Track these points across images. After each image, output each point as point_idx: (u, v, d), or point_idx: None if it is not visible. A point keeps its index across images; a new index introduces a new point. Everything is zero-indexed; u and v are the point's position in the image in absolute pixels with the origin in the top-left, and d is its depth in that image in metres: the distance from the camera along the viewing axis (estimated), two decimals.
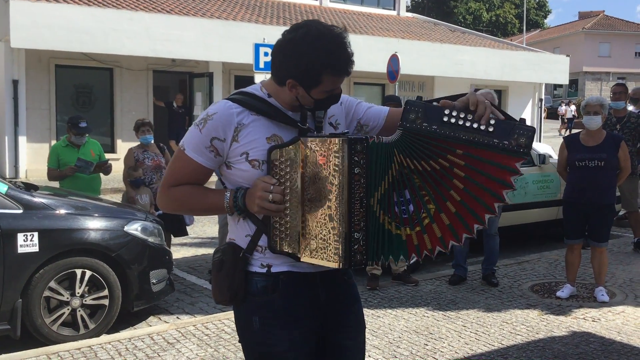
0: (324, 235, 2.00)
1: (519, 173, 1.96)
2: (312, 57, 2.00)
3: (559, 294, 5.88)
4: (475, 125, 1.95)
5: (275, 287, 2.12)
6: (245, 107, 2.09)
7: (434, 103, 2.02)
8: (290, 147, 2.04)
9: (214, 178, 2.36)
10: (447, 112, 1.97)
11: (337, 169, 1.96)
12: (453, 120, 1.96)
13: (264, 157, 2.06)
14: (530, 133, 1.94)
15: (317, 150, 2.00)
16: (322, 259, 2.02)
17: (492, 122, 1.95)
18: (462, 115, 1.96)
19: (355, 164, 1.96)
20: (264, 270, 2.13)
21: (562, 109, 33.23)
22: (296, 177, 2.03)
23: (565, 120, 32.41)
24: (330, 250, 1.99)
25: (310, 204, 2.02)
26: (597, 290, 5.79)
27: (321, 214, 2.00)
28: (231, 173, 2.13)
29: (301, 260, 2.05)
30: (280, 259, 2.11)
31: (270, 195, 2.01)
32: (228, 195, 2.11)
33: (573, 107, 32.01)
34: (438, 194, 2.00)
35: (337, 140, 1.96)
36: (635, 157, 7.56)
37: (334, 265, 1.99)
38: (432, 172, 1.99)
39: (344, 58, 2.04)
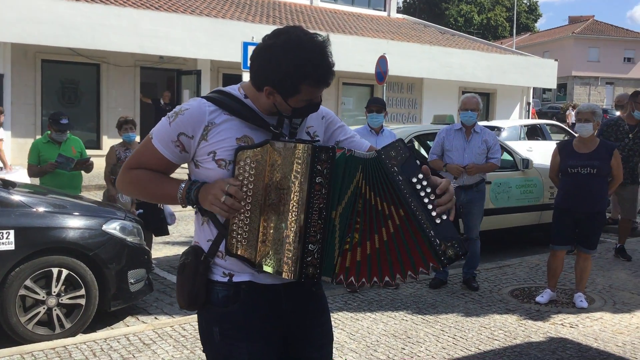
0: (279, 244, 1.97)
1: (428, 272, 2.00)
2: (291, 66, 1.95)
3: (538, 299, 5.89)
4: (429, 207, 1.94)
5: (236, 298, 2.08)
6: (219, 106, 2.06)
7: (417, 161, 2.00)
8: (259, 149, 1.99)
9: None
10: (420, 176, 1.95)
11: (297, 175, 1.93)
12: (418, 187, 1.95)
13: (231, 157, 2.02)
14: (460, 253, 1.95)
15: (283, 154, 1.96)
16: (274, 268, 1.98)
17: (444, 217, 1.95)
18: (428, 190, 1.95)
19: (318, 172, 1.93)
20: (226, 279, 2.09)
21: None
22: (260, 180, 1.99)
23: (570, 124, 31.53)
24: (282, 259, 1.96)
25: (271, 209, 1.99)
26: (577, 296, 5.81)
27: (278, 221, 1.97)
28: (198, 172, 2.10)
29: (256, 265, 2.01)
30: (242, 267, 2.07)
31: (224, 197, 1.96)
32: (183, 185, 2.08)
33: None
34: (367, 228, 1.98)
35: (302, 146, 1.94)
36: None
37: (284, 275, 1.97)
38: (374, 207, 1.98)
39: (324, 69, 1.99)
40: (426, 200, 1.94)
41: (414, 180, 1.95)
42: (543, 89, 48.19)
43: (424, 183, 1.95)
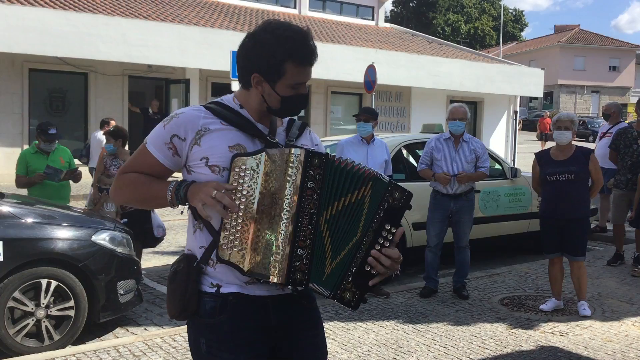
0: (268, 248, 1.96)
1: (322, 294, 2.03)
2: (274, 45, 2.00)
3: (542, 307, 5.89)
4: (373, 253, 1.99)
5: (223, 309, 2.06)
6: (216, 115, 2.08)
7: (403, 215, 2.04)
8: (254, 157, 2.00)
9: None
10: (393, 230, 2.00)
11: (289, 179, 1.95)
12: (384, 234, 1.99)
13: (225, 164, 2.02)
14: (352, 305, 2.03)
15: (277, 161, 1.98)
16: (262, 272, 1.97)
17: (374, 271, 2.00)
18: (386, 244, 2.00)
19: (310, 177, 1.95)
20: (214, 290, 2.07)
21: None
22: (254, 187, 1.98)
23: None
24: (271, 263, 1.96)
25: (264, 216, 1.99)
26: (580, 305, 5.80)
27: (269, 226, 1.97)
28: (191, 178, 2.09)
29: (245, 271, 1.99)
30: (230, 277, 2.06)
31: (215, 192, 1.94)
32: (172, 185, 2.07)
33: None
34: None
35: (295, 150, 1.97)
36: None
37: (271, 279, 1.96)
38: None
39: (306, 46, 2.03)
40: (377, 247, 1.98)
41: (387, 226, 1.99)
42: (529, 98, 48.49)
43: (389, 237, 1.99)
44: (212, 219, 2.03)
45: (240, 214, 1.98)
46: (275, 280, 1.95)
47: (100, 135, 11.31)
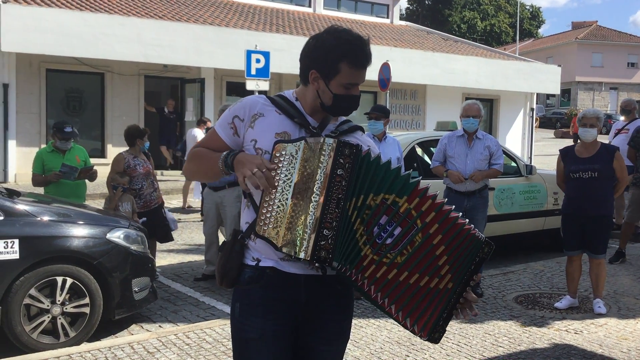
0: (299, 227, 2.12)
1: (415, 333, 2.19)
2: (332, 44, 2.19)
3: (557, 304, 5.86)
4: (462, 300, 2.19)
5: (259, 279, 2.26)
6: (273, 104, 2.31)
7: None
8: (294, 144, 2.17)
9: None
10: (475, 279, 2.19)
11: (321, 166, 2.12)
12: (471, 283, 2.19)
13: (268, 148, 2.21)
14: (436, 342, 2.19)
15: (313, 148, 2.15)
16: (292, 248, 2.12)
17: (457, 313, 2.20)
18: (468, 290, 2.20)
19: (340, 165, 2.12)
20: (254, 263, 2.28)
21: None
22: (292, 172, 2.14)
23: None
24: (299, 240, 2.11)
25: (297, 197, 2.14)
26: (595, 302, 5.77)
27: (301, 207, 2.13)
28: None
29: (278, 247, 2.14)
30: (268, 252, 2.22)
31: (256, 170, 2.10)
32: (224, 154, 2.27)
33: None
34: (414, 262, 2.14)
35: (327, 139, 2.15)
36: None
37: (297, 254, 2.11)
38: (433, 256, 2.15)
39: (362, 51, 2.21)
40: (464, 294, 2.19)
41: (474, 277, 2.19)
42: (547, 95, 48.12)
43: (472, 284, 2.20)
44: (253, 194, 2.22)
45: (277, 194, 2.15)
46: (302, 255, 2.11)
47: (196, 132, 11.82)
